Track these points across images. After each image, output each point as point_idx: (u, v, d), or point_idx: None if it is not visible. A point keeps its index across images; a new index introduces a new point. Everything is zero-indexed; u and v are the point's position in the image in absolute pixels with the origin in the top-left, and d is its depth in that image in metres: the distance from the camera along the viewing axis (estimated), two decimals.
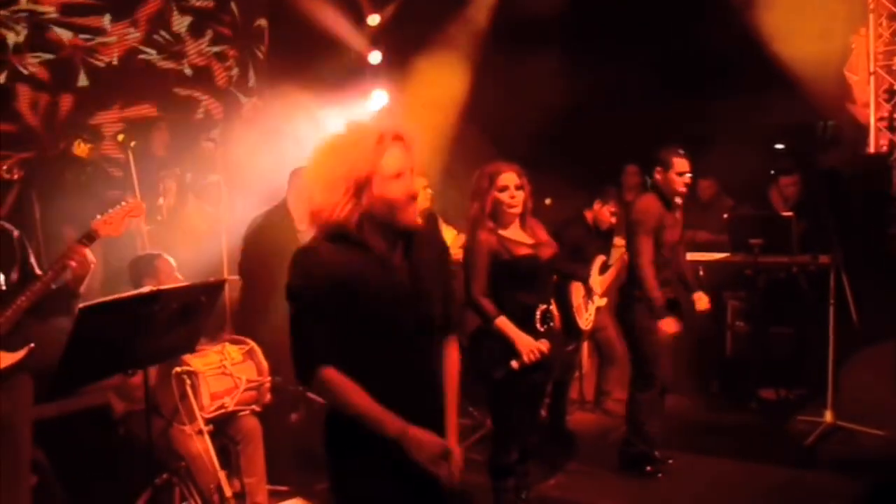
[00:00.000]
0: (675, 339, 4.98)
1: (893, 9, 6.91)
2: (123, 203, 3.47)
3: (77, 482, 4.29)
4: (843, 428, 5.61)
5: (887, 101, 7.04)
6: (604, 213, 5.90)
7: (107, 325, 2.96)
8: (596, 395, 6.33)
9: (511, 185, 3.90)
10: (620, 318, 5.10)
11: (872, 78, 7.04)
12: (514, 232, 3.95)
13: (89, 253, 3.34)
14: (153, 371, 3.96)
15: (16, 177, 4.76)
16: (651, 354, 4.90)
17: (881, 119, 7.06)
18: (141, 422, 4.00)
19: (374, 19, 8.58)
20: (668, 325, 4.81)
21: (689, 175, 4.89)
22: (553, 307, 3.98)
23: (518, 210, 3.93)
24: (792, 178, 6.66)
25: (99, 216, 3.44)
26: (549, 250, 3.99)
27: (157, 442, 3.98)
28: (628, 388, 5.13)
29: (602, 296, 5.75)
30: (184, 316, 3.13)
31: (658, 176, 4.93)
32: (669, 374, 5.13)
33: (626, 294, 4.96)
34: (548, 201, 6.71)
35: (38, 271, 3.41)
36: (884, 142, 7.04)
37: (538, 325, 3.86)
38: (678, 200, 4.98)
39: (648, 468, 4.98)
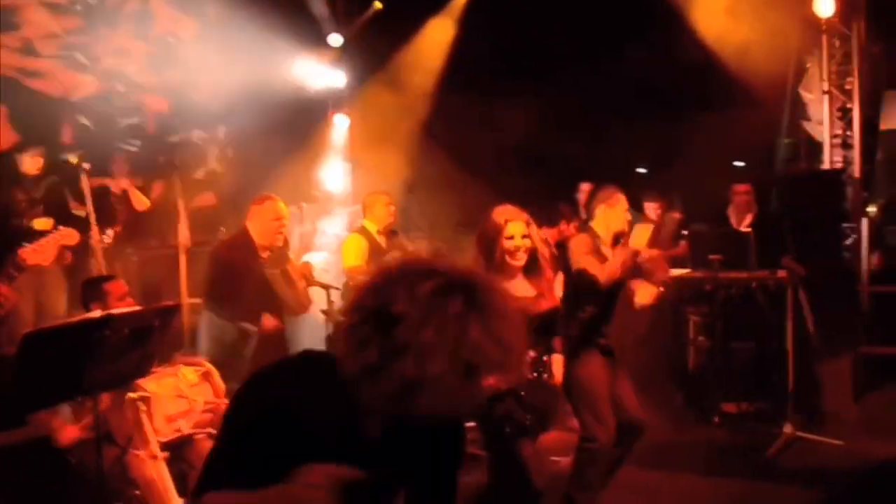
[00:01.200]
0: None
1: (845, 30, 7.07)
2: (54, 231, 3.40)
3: None
4: (803, 439, 5.68)
5: (840, 118, 7.18)
6: (569, 231, 5.94)
7: (54, 351, 2.88)
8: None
9: (517, 234, 3.70)
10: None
11: (826, 97, 7.18)
12: (516, 284, 3.72)
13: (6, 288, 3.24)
14: (105, 396, 3.88)
15: None
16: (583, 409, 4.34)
17: (835, 136, 7.20)
18: (93, 450, 3.93)
19: (336, 39, 8.57)
20: None
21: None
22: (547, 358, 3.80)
23: (520, 262, 3.72)
24: (745, 185, 6.77)
25: (27, 244, 3.35)
26: (545, 303, 3.80)
27: (111, 470, 3.90)
28: None
29: None
30: (136, 341, 3.07)
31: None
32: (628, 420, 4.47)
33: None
34: None
35: None
36: (837, 158, 7.17)
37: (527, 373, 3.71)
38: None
39: None
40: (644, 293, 4.72)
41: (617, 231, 4.46)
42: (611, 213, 4.46)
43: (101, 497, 3.98)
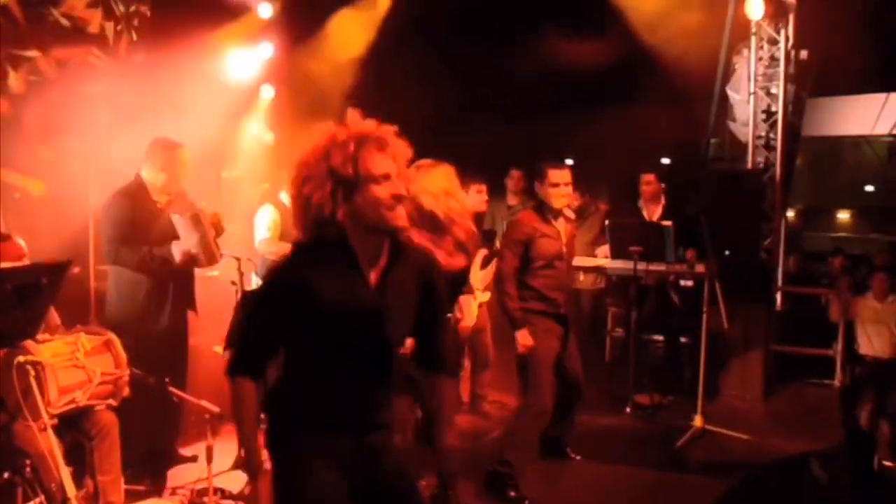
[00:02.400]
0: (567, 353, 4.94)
1: (773, 34, 7.19)
2: None
3: None
4: (711, 432, 5.79)
5: (765, 121, 7.31)
6: (478, 198, 5.89)
7: None
8: (471, 397, 6.30)
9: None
10: None
11: (752, 98, 7.30)
12: None
13: None
14: None
15: None
16: (532, 376, 4.79)
17: (758, 138, 7.33)
18: None
19: (265, 9, 8.33)
20: (523, 338, 4.75)
21: (565, 187, 4.81)
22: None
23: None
24: (651, 175, 6.85)
25: None
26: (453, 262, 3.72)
27: None
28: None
29: (484, 290, 5.74)
30: (20, 299, 2.89)
31: (537, 188, 4.92)
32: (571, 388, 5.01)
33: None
34: None
35: None
36: (760, 159, 7.31)
37: None
38: (566, 212, 4.96)
39: (511, 494, 4.66)
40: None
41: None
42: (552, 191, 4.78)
43: None
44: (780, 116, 7.19)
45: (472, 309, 5.67)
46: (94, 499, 3.95)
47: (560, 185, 4.79)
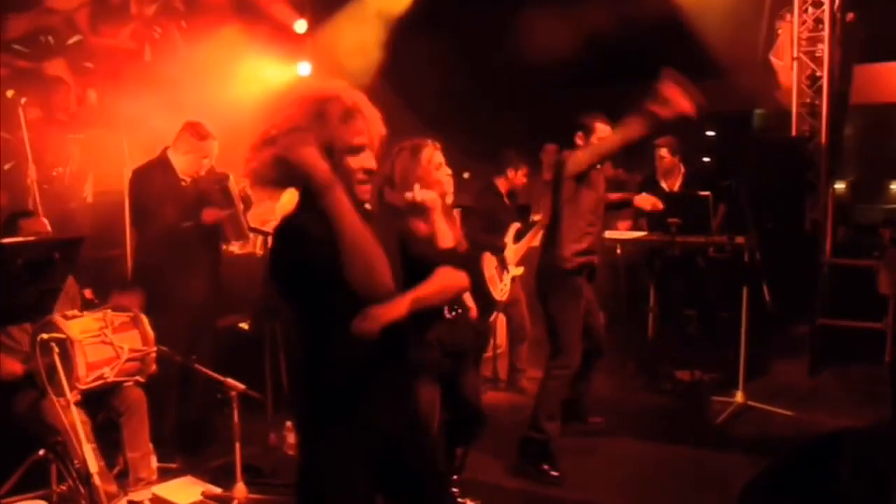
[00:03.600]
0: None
1: None
2: None
3: None
4: (753, 408, 5.64)
5: (809, 87, 7.06)
6: (518, 178, 5.83)
7: None
8: (509, 372, 6.24)
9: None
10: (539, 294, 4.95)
11: (795, 63, 7.05)
12: None
13: None
14: (27, 338, 3.73)
15: None
16: (563, 337, 4.75)
17: (803, 105, 7.08)
18: (12, 394, 3.79)
19: None
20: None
21: None
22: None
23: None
24: (664, 147, 6.65)
25: None
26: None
27: (29, 414, 3.78)
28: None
29: (517, 265, 5.67)
30: (33, 274, 2.88)
31: (579, 141, 4.85)
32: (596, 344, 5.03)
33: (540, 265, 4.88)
34: (466, 175, 6.58)
35: None
36: (805, 128, 7.07)
37: (446, 313, 3.62)
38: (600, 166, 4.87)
39: (545, 466, 4.68)
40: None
41: None
42: None
43: (21, 444, 3.87)
44: (825, 82, 6.92)
45: (504, 283, 5.63)
46: (125, 476, 3.99)
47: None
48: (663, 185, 6.72)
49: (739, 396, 5.70)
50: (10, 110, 5.00)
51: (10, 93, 5.00)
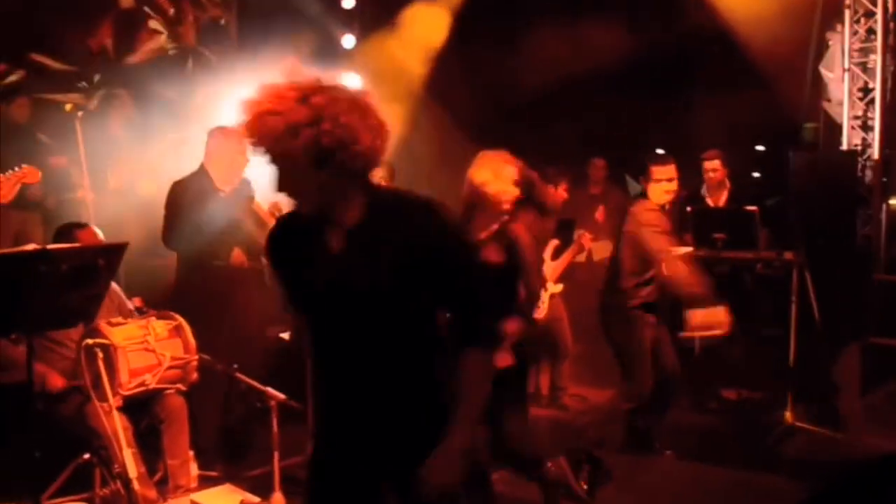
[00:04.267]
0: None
1: (869, 6, 6.77)
2: (17, 168, 3.30)
3: None
4: (802, 429, 5.49)
5: (861, 99, 6.90)
6: (557, 194, 5.77)
7: None
8: (550, 390, 6.17)
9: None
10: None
11: (847, 75, 6.90)
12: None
13: None
14: (72, 345, 3.80)
15: None
16: (635, 365, 4.81)
17: (855, 118, 6.93)
18: (59, 398, 3.85)
19: (349, 1, 8.41)
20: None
21: (668, 182, 4.81)
22: None
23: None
24: (716, 161, 6.53)
25: None
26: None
27: (74, 418, 3.84)
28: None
29: (556, 282, 5.61)
30: (77, 280, 2.94)
31: (642, 183, 4.93)
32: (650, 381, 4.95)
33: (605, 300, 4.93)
34: None
35: None
36: (857, 141, 6.91)
37: None
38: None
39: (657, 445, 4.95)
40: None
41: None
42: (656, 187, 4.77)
43: (67, 447, 3.93)
44: (877, 93, 6.75)
45: (543, 300, 5.57)
46: (164, 483, 4.03)
47: (663, 182, 4.77)
48: (709, 200, 6.61)
49: (788, 417, 5.56)
50: (68, 123, 5.11)
51: (68, 107, 5.13)
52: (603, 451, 4.79)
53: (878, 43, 6.70)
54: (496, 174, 3.66)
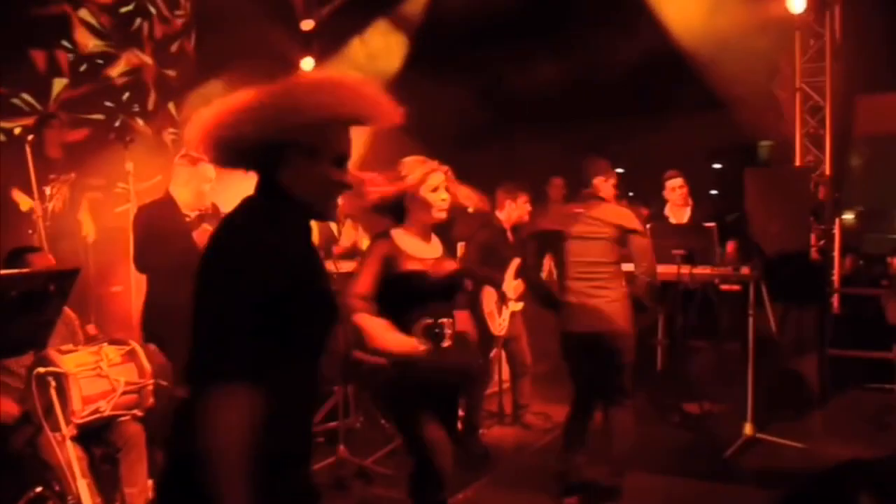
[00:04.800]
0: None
1: (817, 28, 6.96)
2: None
3: None
4: (762, 440, 5.55)
5: (812, 117, 7.07)
6: (520, 209, 5.80)
7: None
8: (513, 408, 6.16)
9: (441, 186, 3.47)
10: None
11: (798, 94, 7.07)
12: (432, 243, 3.55)
13: None
14: (23, 373, 3.71)
15: None
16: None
17: (807, 135, 7.09)
18: (9, 430, 3.76)
19: (307, 24, 8.44)
20: None
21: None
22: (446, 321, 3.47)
23: (442, 216, 3.49)
24: (678, 178, 6.65)
25: None
26: (449, 265, 3.59)
27: (26, 450, 3.75)
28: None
29: (517, 300, 5.62)
30: (27, 305, 2.88)
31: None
32: None
33: None
34: (471, 209, 6.54)
35: None
36: (810, 158, 7.06)
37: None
38: None
39: None
40: None
41: None
42: None
43: (18, 481, 3.83)
44: (827, 112, 6.93)
45: (503, 318, 5.59)
46: None
47: None
48: (671, 219, 6.69)
49: (748, 429, 5.60)
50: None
51: (17, 129, 5.06)
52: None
53: (827, 63, 6.89)
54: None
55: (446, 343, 3.41)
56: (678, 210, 6.71)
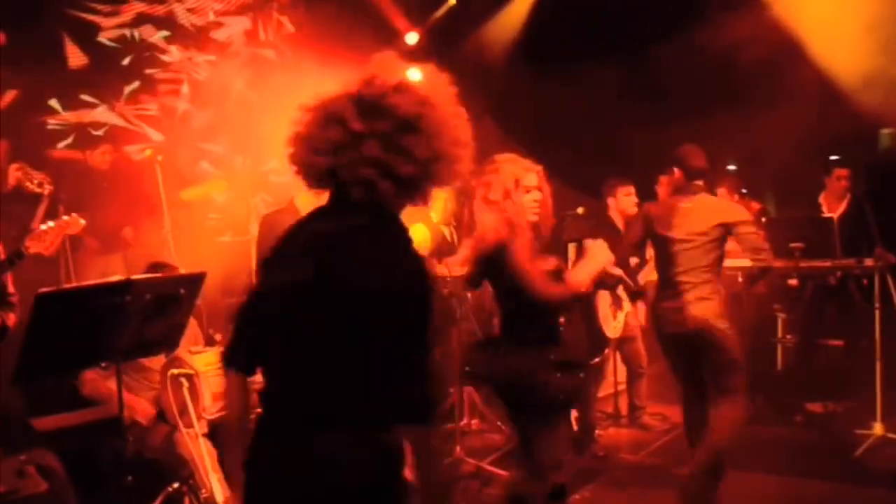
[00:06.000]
0: None
1: None
2: (60, 219, 3.40)
3: (90, 491, 4.26)
4: (893, 440, 5.30)
5: None
6: (627, 201, 5.73)
7: (68, 314, 2.87)
8: (629, 409, 6.09)
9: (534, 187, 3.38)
10: None
11: None
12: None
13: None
14: (156, 368, 3.95)
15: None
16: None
17: None
18: (147, 429, 4.01)
19: (412, 37, 8.51)
20: None
21: None
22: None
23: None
24: (844, 171, 6.36)
25: (32, 231, 3.36)
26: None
27: (163, 448, 3.98)
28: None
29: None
30: (161, 309, 3.07)
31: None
32: None
33: None
34: (580, 210, 6.49)
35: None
36: None
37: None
38: None
39: None
40: None
41: None
42: None
43: (157, 477, 4.06)
44: None
45: (619, 320, 5.53)
46: None
47: None
48: (825, 207, 6.42)
49: (878, 428, 5.36)
50: (149, 167, 5.34)
51: (148, 151, 5.35)
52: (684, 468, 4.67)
53: None
54: None
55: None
56: (834, 203, 6.43)
